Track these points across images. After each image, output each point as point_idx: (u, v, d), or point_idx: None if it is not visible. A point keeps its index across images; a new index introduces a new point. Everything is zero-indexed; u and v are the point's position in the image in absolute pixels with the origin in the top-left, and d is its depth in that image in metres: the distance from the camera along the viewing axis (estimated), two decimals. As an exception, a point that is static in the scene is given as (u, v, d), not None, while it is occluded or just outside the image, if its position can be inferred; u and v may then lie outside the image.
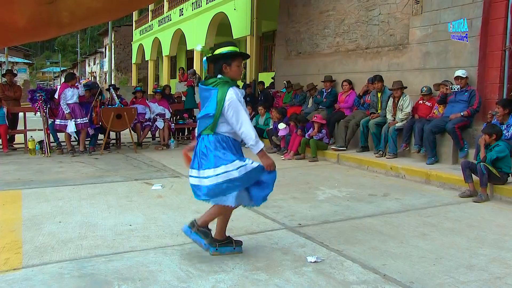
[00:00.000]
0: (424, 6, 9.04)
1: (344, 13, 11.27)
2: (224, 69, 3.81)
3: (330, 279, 3.47)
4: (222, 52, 3.82)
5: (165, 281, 3.43)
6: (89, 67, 61.29)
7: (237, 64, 3.84)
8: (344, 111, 10.46)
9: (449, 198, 6.26)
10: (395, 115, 8.82)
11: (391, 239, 4.47)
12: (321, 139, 9.71)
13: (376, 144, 9.07)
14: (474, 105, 7.74)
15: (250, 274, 3.57)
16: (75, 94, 10.11)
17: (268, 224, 4.97)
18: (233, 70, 3.83)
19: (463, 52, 8.32)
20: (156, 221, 5.02)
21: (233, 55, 3.82)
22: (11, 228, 4.78)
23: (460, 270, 3.67)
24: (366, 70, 10.45)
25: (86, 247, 4.19)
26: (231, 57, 3.81)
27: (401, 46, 9.68)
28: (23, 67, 46.39)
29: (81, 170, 8.27)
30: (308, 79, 11.96)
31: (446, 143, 7.95)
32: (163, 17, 25.19)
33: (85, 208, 5.60)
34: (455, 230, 4.77)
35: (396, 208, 5.68)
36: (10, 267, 3.70)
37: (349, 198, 6.23)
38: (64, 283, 3.40)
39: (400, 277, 3.53)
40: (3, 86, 11.62)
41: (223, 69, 3.81)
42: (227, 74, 3.81)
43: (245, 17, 16.37)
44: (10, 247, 4.18)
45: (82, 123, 10.20)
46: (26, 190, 6.64)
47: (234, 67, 3.82)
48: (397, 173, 7.82)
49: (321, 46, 12.17)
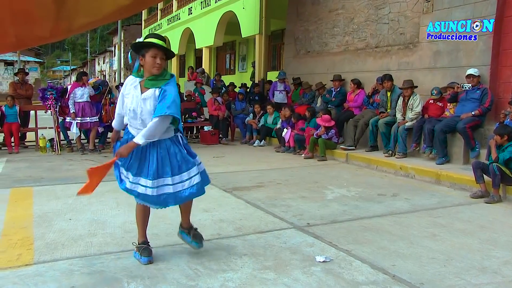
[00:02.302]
0: (435, 4, 8.97)
1: (353, 12, 11.22)
2: (141, 62, 3.60)
3: (339, 279, 3.46)
4: (133, 44, 3.65)
5: (173, 279, 3.43)
6: (98, 65, 61.62)
7: (151, 55, 3.51)
8: (353, 110, 10.43)
9: (460, 199, 6.22)
10: (404, 114, 8.77)
11: (400, 239, 4.44)
12: (330, 138, 9.69)
13: (386, 143, 9.03)
14: (486, 103, 7.67)
15: (259, 273, 3.56)
16: (85, 93, 10.16)
17: (277, 223, 4.95)
18: (147, 61, 3.54)
19: (475, 50, 8.25)
20: (165, 219, 5.01)
21: (145, 46, 3.55)
22: (23, 225, 4.81)
23: (472, 272, 3.64)
24: (375, 69, 10.41)
25: (96, 244, 4.21)
26: (143, 47, 3.55)
27: (411, 45, 9.62)
28: (34, 66, 46.71)
29: (90, 168, 8.30)
30: (317, 78, 11.94)
31: (457, 143, 7.89)
32: (172, 16, 25.22)
33: (95, 205, 5.63)
34: (466, 231, 4.73)
35: (406, 208, 5.65)
36: (22, 263, 3.73)
37: (358, 197, 6.20)
38: (74, 279, 3.41)
39: (410, 278, 3.50)
40: (15, 85, 11.75)
41: (140, 62, 3.61)
42: (143, 67, 3.60)
43: (254, 16, 16.35)
44: (22, 243, 4.21)
45: (91, 121, 10.24)
46: (37, 187, 6.69)
47: (147, 58, 3.52)
48: (407, 173, 7.78)
49: (330, 45, 12.13)
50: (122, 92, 3.71)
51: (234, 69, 24.14)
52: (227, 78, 19.96)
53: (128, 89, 3.63)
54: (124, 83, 3.68)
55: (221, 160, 8.55)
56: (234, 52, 24.04)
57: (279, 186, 6.84)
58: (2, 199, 5.94)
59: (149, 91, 3.55)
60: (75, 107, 10.07)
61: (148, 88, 3.55)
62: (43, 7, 5.56)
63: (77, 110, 10.07)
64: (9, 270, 3.59)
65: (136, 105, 3.55)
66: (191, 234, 3.94)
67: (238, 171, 8.02)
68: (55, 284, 3.33)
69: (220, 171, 7.93)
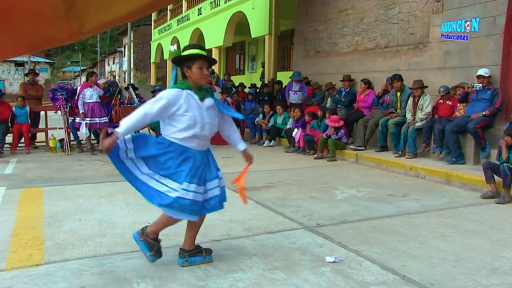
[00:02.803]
0: (445, 4, 8.92)
1: (363, 12, 11.19)
2: (186, 73, 3.59)
3: (349, 280, 3.45)
4: (177, 56, 3.67)
5: (183, 279, 3.44)
6: (108, 66, 61.85)
7: (198, 66, 3.54)
8: (362, 110, 10.40)
9: (470, 199, 6.18)
10: (414, 114, 8.73)
11: (410, 240, 4.42)
12: (339, 138, 9.67)
13: (395, 144, 8.99)
14: (497, 104, 7.62)
15: (268, 274, 3.56)
16: (95, 94, 10.20)
17: (286, 224, 4.95)
18: (194, 73, 3.55)
19: (485, 50, 8.20)
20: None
21: (192, 57, 3.56)
22: (33, 225, 4.85)
23: (482, 272, 3.61)
24: (385, 69, 10.37)
25: (106, 244, 4.23)
26: (190, 59, 3.56)
27: (421, 45, 9.58)
28: (44, 67, 47.00)
29: (100, 168, 8.36)
30: (327, 78, 11.92)
31: (467, 143, 7.84)
32: (182, 17, 25.27)
33: (105, 206, 5.65)
34: (477, 232, 4.70)
35: (416, 209, 5.62)
36: (33, 263, 3.76)
37: (367, 198, 6.18)
38: (84, 279, 3.43)
39: (420, 278, 3.48)
40: (26, 85, 11.84)
41: (185, 73, 3.60)
42: (189, 78, 3.59)
43: (264, 16, 16.34)
44: (33, 243, 4.24)
45: (101, 122, 10.28)
46: (47, 187, 6.74)
47: (194, 69, 3.54)
48: (417, 173, 7.74)
49: (339, 45, 12.10)
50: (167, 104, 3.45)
51: (243, 70, 24.15)
52: (236, 78, 19.98)
53: (184, 102, 3.49)
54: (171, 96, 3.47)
55: (231, 160, 8.55)
56: (244, 52, 24.05)
57: (288, 187, 6.84)
58: (12, 199, 5.99)
59: (207, 101, 3.61)
60: (85, 107, 10.12)
61: (204, 98, 3.60)
62: (53, 6, 5.61)
63: (86, 111, 10.12)
64: (20, 270, 3.61)
65: (202, 116, 3.55)
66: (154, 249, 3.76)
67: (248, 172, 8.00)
68: (65, 284, 3.35)
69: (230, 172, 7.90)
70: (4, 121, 10.40)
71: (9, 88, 42.71)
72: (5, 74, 44.17)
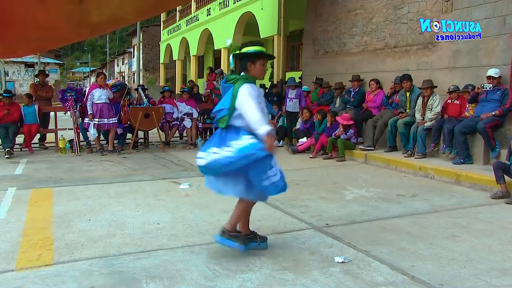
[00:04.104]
0: (455, 4, 8.87)
1: (372, 12, 11.16)
2: (249, 67, 3.91)
3: (358, 280, 3.44)
4: (249, 51, 3.92)
5: (192, 280, 3.45)
6: (117, 67, 62.15)
7: (262, 63, 3.93)
8: (372, 110, 10.37)
9: (480, 199, 6.14)
10: (424, 114, 8.69)
11: (419, 240, 4.40)
12: (348, 138, 9.64)
13: (405, 144, 8.96)
14: (507, 104, 7.57)
15: (277, 274, 3.56)
16: (103, 95, 10.23)
17: (295, 224, 4.95)
18: (257, 68, 3.92)
19: (495, 50, 8.15)
20: (183, 220, 5.05)
21: (259, 54, 3.92)
22: (43, 225, 4.88)
23: (493, 273, 3.59)
24: (394, 69, 10.33)
25: (115, 245, 4.25)
26: (256, 56, 3.91)
27: (431, 45, 9.53)
28: (54, 68, 47.34)
29: (109, 169, 8.39)
30: (336, 78, 11.89)
31: (477, 143, 7.80)
32: (191, 17, 25.33)
33: (114, 206, 5.68)
34: (487, 232, 4.67)
35: (425, 209, 5.60)
36: (43, 263, 3.78)
37: (377, 198, 6.16)
38: (93, 280, 3.45)
39: (429, 279, 3.47)
40: (36, 86, 11.93)
41: (248, 67, 3.91)
42: (250, 72, 3.91)
43: (272, 17, 16.35)
44: (42, 244, 4.27)
45: (109, 123, 10.32)
46: (57, 188, 6.78)
47: (258, 65, 3.91)
48: (426, 173, 7.71)
49: (348, 45, 12.07)
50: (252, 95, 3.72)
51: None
52: (245, 79, 19.96)
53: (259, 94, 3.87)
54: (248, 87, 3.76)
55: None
56: (253, 53, 24.01)
57: (297, 187, 6.83)
58: (23, 200, 6.03)
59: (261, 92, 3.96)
60: (93, 108, 10.15)
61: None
62: (66, 13, 5.62)
63: (94, 111, 10.14)
64: (30, 270, 3.64)
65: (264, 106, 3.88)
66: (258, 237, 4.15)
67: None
68: (74, 284, 3.37)
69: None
70: (14, 122, 10.46)
71: (19, 89, 43.05)
72: (15, 75, 44.54)
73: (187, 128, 11.86)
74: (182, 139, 12.90)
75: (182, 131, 12.31)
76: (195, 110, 12.26)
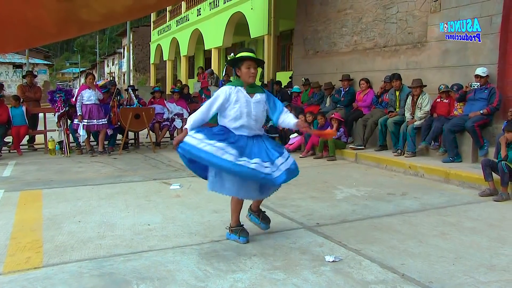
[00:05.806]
0: (443, 3, 8.93)
1: (361, 12, 11.20)
2: (237, 72, 4.25)
3: (349, 279, 3.46)
4: (231, 58, 4.37)
5: (183, 280, 3.45)
6: (108, 67, 61.86)
7: (245, 66, 4.17)
8: (362, 110, 10.41)
9: (469, 197, 6.19)
10: (413, 113, 8.74)
11: (410, 238, 4.43)
12: (339, 138, 9.67)
13: (395, 142, 9.01)
14: (494, 103, 7.64)
15: (268, 274, 3.56)
16: (93, 96, 10.17)
17: (286, 223, 4.96)
18: (243, 72, 4.19)
19: (482, 49, 8.21)
20: (174, 221, 5.04)
21: (241, 59, 4.20)
22: (32, 228, 4.85)
23: (481, 270, 3.62)
24: (384, 69, 10.38)
25: (105, 246, 4.23)
26: (240, 61, 4.20)
27: (420, 44, 9.59)
28: (43, 68, 46.93)
29: (100, 170, 8.36)
30: (326, 78, 11.92)
31: (465, 141, 7.86)
32: (181, 17, 25.29)
33: (104, 208, 5.66)
34: (475, 230, 4.71)
35: (415, 207, 5.63)
36: (31, 266, 3.75)
37: (367, 197, 6.19)
38: (83, 282, 3.43)
39: (419, 276, 3.49)
40: (24, 87, 11.81)
41: (237, 73, 4.26)
42: (241, 77, 4.22)
43: (263, 17, 16.36)
44: (31, 246, 4.24)
45: (98, 124, 10.27)
46: (46, 190, 6.73)
47: (243, 69, 4.18)
48: (416, 172, 7.76)
49: (338, 44, 12.11)
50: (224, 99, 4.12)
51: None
52: (235, 79, 19.97)
53: (234, 97, 4.13)
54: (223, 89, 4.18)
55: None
56: (243, 53, 24.02)
57: (288, 186, 6.81)
58: (11, 202, 5.99)
59: (256, 95, 4.22)
60: (82, 109, 10.10)
61: (253, 93, 4.21)
62: (54, 11, 5.60)
63: (84, 113, 10.08)
64: (18, 273, 3.61)
65: (250, 108, 4.15)
66: (260, 216, 4.52)
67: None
68: (64, 287, 3.35)
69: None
70: (2, 124, 10.36)
71: (7, 90, 42.68)
72: (3, 76, 44.09)
73: (178, 128, 11.84)
74: (173, 140, 12.85)
75: (172, 132, 12.28)
76: (186, 111, 12.25)
